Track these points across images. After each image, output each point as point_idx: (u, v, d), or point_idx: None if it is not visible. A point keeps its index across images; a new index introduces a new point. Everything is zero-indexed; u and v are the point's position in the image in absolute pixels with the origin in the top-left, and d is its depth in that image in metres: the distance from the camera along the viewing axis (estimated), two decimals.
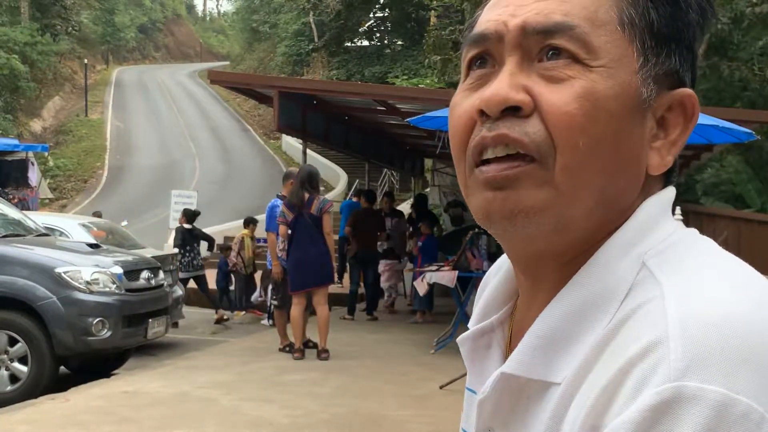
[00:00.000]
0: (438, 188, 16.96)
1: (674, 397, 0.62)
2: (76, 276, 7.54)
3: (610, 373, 0.67)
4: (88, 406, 6.41)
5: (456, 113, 0.80)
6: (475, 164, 0.77)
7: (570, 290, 0.76)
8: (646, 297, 0.70)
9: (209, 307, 12.61)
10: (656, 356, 0.64)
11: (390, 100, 11.21)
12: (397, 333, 10.55)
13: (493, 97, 0.75)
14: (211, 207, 23.46)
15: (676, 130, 0.80)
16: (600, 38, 0.75)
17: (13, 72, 32.54)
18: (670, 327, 0.65)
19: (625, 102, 0.75)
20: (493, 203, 0.76)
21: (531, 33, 0.76)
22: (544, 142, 0.74)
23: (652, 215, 0.78)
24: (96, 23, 54.96)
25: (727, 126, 7.42)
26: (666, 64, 0.78)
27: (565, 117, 0.73)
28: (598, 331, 0.72)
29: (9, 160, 20.97)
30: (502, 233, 0.78)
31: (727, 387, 0.62)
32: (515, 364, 0.77)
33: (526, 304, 0.84)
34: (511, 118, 0.74)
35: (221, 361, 8.42)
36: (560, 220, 0.75)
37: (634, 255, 0.75)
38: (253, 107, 41.88)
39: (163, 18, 71.69)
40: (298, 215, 8.37)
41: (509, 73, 0.76)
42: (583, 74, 0.74)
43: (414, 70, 30.23)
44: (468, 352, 0.89)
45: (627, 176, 0.77)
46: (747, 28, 16.12)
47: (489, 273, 0.97)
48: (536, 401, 0.76)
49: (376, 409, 6.47)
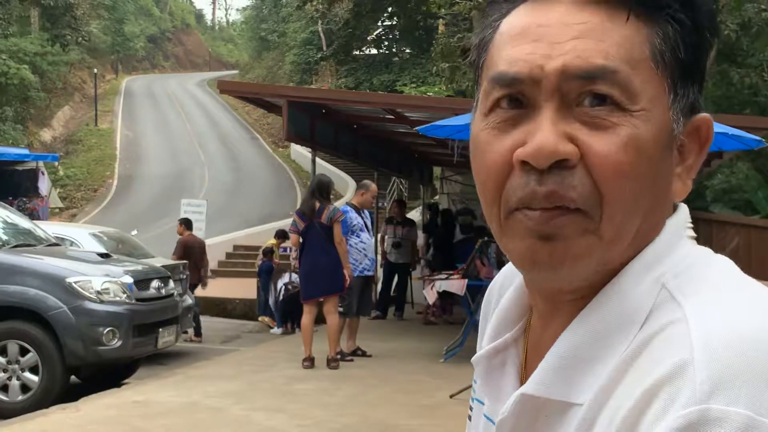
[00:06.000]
0: (447, 196, 16.96)
1: (700, 420, 0.62)
2: (86, 286, 7.56)
3: (636, 393, 0.67)
4: (100, 416, 6.42)
5: (488, 156, 0.76)
6: (516, 208, 0.75)
7: (591, 312, 0.76)
8: (668, 319, 0.71)
9: (220, 316, 12.62)
10: (682, 378, 0.65)
11: (398, 108, 11.21)
12: (406, 342, 10.54)
13: (541, 151, 0.72)
14: (220, 216, 23.51)
15: (692, 155, 0.80)
16: (638, 79, 0.73)
17: (23, 82, 32.67)
18: (695, 349, 0.66)
19: (662, 142, 0.75)
20: (539, 253, 0.74)
21: (571, 78, 0.73)
22: (591, 195, 0.73)
23: (670, 238, 0.78)
24: (106, 33, 55.17)
25: (737, 133, 7.40)
26: (690, 95, 0.78)
27: (613, 168, 0.72)
28: (619, 352, 0.72)
29: (19, 170, 21.06)
30: (544, 278, 0.77)
31: (752, 409, 0.62)
32: (536, 384, 0.77)
33: (542, 323, 0.83)
34: (558, 170, 0.73)
35: (232, 371, 8.42)
36: (601, 262, 0.75)
37: (653, 277, 0.75)
38: (262, 116, 41.96)
39: (172, 27, 71.98)
40: (309, 224, 8.38)
41: (551, 121, 0.73)
42: (626, 120, 0.73)
43: (422, 78, 30.27)
44: (483, 371, 0.88)
45: (661, 210, 0.78)
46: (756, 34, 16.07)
47: (494, 284, 0.97)
48: (556, 421, 0.76)
49: (386, 419, 6.46)
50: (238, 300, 15.00)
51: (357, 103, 11.73)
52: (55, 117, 40.32)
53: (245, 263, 19.66)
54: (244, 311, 14.55)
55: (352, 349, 9.30)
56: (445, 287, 9.28)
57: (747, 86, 16.36)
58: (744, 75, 15.89)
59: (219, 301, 14.90)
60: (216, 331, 12.30)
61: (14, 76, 32.04)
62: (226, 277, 18.82)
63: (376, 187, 9.78)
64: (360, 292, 9.34)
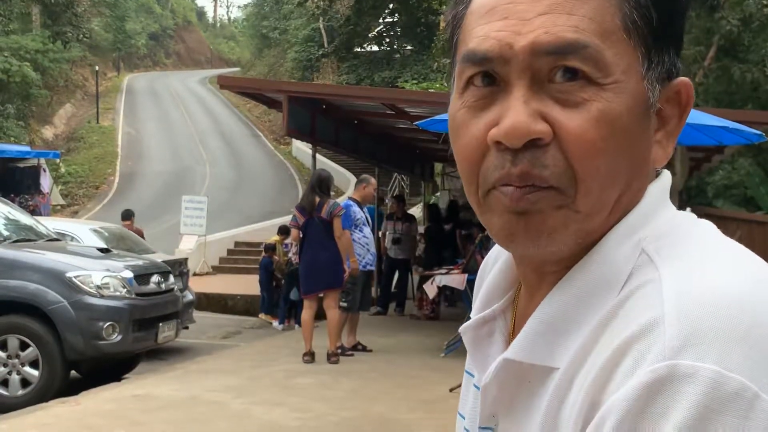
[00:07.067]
0: (448, 192, 16.98)
1: (668, 375, 0.62)
2: (86, 280, 7.57)
3: (608, 352, 0.67)
4: (99, 409, 6.42)
5: (464, 136, 0.77)
6: (492, 187, 0.75)
7: (572, 278, 0.76)
8: (643, 280, 0.71)
9: (221, 312, 12.63)
10: (652, 335, 0.65)
11: (399, 103, 11.20)
12: (406, 337, 10.54)
13: (514, 131, 0.71)
14: (222, 212, 23.52)
15: (673, 120, 0.79)
16: (610, 51, 0.72)
17: (24, 79, 32.69)
18: (666, 306, 0.65)
19: (637, 112, 0.74)
20: (515, 228, 0.75)
21: (541, 54, 0.72)
22: (564, 172, 0.72)
23: (651, 203, 0.78)
24: (107, 30, 55.16)
25: (737, 127, 7.38)
26: (666, 61, 0.77)
27: (586, 145, 0.72)
28: (598, 315, 0.72)
29: (21, 167, 21.08)
30: (524, 252, 0.77)
31: (721, 365, 0.62)
32: (517, 349, 0.77)
33: (529, 292, 0.83)
34: (532, 149, 0.72)
35: (232, 365, 8.43)
36: (580, 234, 0.75)
37: (634, 242, 0.75)
38: (264, 113, 41.98)
39: (173, 25, 71.95)
40: (309, 219, 8.38)
41: (523, 100, 0.72)
42: (598, 95, 0.72)
43: (424, 75, 30.26)
44: (470, 340, 0.88)
45: (640, 179, 0.77)
46: (757, 30, 16.05)
47: (487, 260, 0.97)
48: (538, 387, 0.76)
49: (385, 413, 6.46)
50: (239, 296, 15.02)
51: (357, 98, 11.71)
52: (56, 114, 40.35)
53: (246, 260, 19.69)
54: (244, 307, 14.56)
55: (353, 344, 9.31)
56: (445, 282, 9.30)
57: (748, 82, 16.36)
58: (745, 70, 15.89)
59: (220, 297, 14.94)
60: (217, 327, 12.30)
61: (16, 73, 32.06)
62: (228, 273, 18.86)
63: (375, 181, 9.78)
64: (362, 287, 9.34)
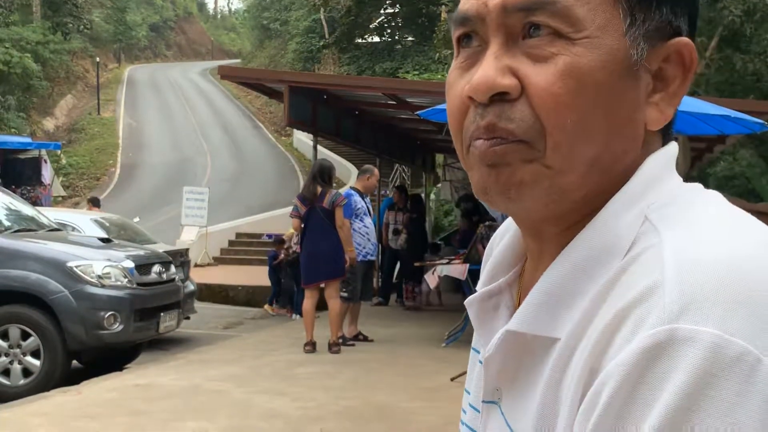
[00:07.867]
0: (450, 183, 16.95)
1: (668, 339, 0.61)
2: (87, 270, 7.57)
3: (607, 319, 0.67)
4: (101, 399, 6.43)
5: (451, 95, 0.79)
6: (469, 142, 0.77)
7: (573, 248, 0.75)
8: (644, 246, 0.70)
9: (222, 302, 12.64)
10: (652, 299, 0.64)
11: (400, 93, 11.18)
12: (408, 327, 10.55)
13: (480, 85, 0.73)
14: (223, 204, 23.52)
15: (675, 82, 0.78)
16: (583, 7, 0.72)
17: (25, 71, 32.69)
18: (666, 271, 0.65)
19: (613, 69, 0.73)
20: (488, 179, 0.75)
21: (512, 11, 0.73)
22: (532, 126, 0.73)
23: (655, 172, 0.76)
24: (108, 22, 55.08)
25: (739, 116, 7.36)
26: (657, 17, 0.75)
27: (551, 99, 0.72)
28: (599, 284, 0.71)
29: (22, 159, 21.11)
30: (500, 206, 0.78)
31: (722, 329, 0.61)
32: (519, 321, 0.76)
33: (533, 265, 0.83)
34: (500, 104, 0.73)
35: (233, 355, 8.44)
36: (553, 191, 0.74)
37: (637, 210, 0.74)
38: (265, 104, 41.95)
39: (174, 16, 71.84)
40: (311, 209, 8.37)
41: (494, 56, 0.74)
42: (567, 49, 0.72)
43: (425, 66, 30.23)
44: (476, 313, 0.88)
45: (623, 139, 0.75)
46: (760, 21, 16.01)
47: (495, 236, 0.96)
48: (541, 358, 0.75)
49: (387, 401, 6.47)
50: (240, 287, 15.03)
51: (358, 88, 11.69)
52: (57, 106, 40.32)
53: (247, 251, 19.71)
54: (246, 298, 14.58)
55: (354, 334, 9.32)
56: (446, 272, 9.29)
57: (750, 72, 16.34)
58: (747, 61, 15.86)
59: (221, 287, 14.95)
60: (218, 318, 12.31)
61: (17, 64, 32.05)
62: (229, 264, 18.88)
63: (378, 172, 9.77)
64: (363, 277, 9.34)
